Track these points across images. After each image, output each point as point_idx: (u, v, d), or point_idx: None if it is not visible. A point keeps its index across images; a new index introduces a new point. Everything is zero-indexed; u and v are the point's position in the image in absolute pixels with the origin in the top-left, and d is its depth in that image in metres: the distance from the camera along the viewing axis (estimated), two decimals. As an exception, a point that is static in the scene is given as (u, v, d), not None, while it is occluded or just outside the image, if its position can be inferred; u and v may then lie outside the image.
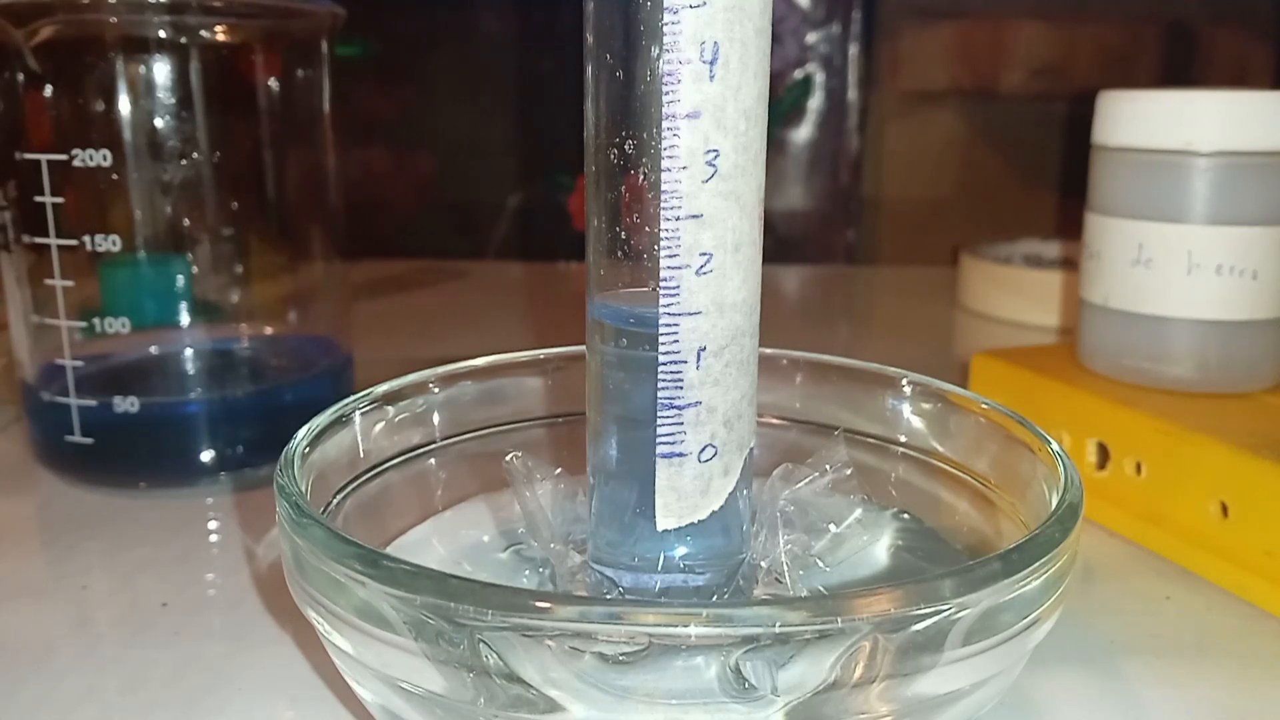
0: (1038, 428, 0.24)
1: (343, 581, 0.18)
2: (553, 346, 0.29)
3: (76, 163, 0.33)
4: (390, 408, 0.26)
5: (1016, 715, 0.24)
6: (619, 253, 0.20)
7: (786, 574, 0.23)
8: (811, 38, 1.15)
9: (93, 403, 0.35)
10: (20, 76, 0.33)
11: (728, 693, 0.17)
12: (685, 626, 0.16)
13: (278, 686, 0.25)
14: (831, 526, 0.24)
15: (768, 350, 0.27)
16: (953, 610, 0.17)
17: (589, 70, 0.20)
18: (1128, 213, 0.35)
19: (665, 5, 0.18)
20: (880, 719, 0.17)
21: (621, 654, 0.17)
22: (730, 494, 0.21)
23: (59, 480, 0.36)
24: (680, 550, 0.21)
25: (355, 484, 0.25)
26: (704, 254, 0.19)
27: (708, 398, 0.20)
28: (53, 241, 0.34)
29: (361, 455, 0.25)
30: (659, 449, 0.20)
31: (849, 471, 0.25)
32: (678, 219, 0.19)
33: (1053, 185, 1.13)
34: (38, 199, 0.33)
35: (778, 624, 0.16)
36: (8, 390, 0.43)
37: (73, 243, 0.34)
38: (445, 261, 0.81)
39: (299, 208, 0.39)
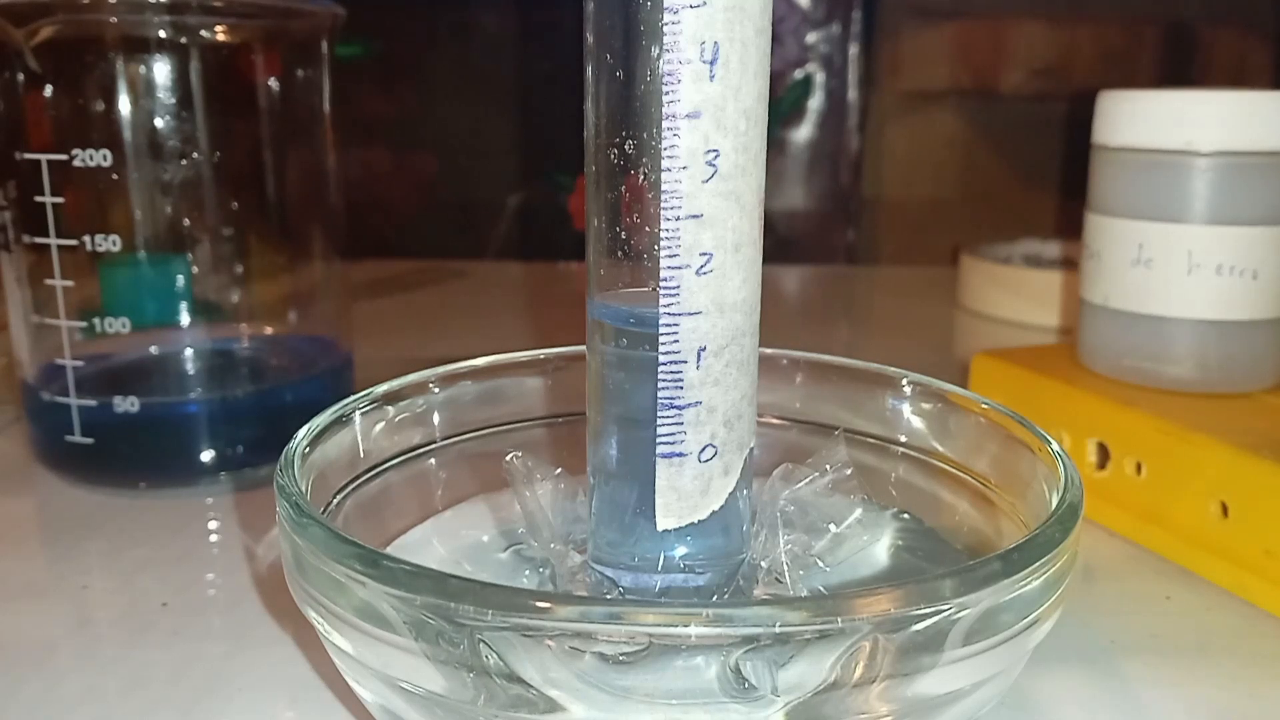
0: (1038, 428, 0.24)
1: (343, 581, 0.18)
2: (553, 346, 0.29)
3: (76, 163, 0.33)
4: (390, 408, 0.26)
5: (1016, 715, 0.24)
6: (619, 253, 0.20)
7: (786, 574, 0.23)
8: (811, 38, 1.15)
9: (93, 403, 0.35)
10: (20, 76, 0.33)
11: (728, 693, 0.17)
12: (685, 626, 0.16)
13: (278, 686, 0.25)
14: (831, 526, 0.24)
15: (768, 350, 0.27)
16: (953, 610, 0.17)
17: (589, 70, 0.20)
18: (1128, 213, 0.35)
19: (665, 5, 0.18)
20: (880, 719, 0.17)
21: (621, 654, 0.17)
22: (730, 494, 0.21)
23: (59, 480, 0.36)
24: (680, 550, 0.21)
25: (355, 484, 0.25)
26: (704, 254, 0.19)
27: (708, 398, 0.20)
28: (53, 241, 0.34)
29: (361, 455, 0.25)
30: (659, 449, 0.20)
31: (849, 471, 0.25)
32: (678, 219, 0.19)
33: (1053, 185, 1.13)
34: (38, 199, 0.33)
35: (778, 624, 0.16)
36: (8, 390, 0.43)
37: (73, 243, 0.34)
38: (445, 261, 0.81)
39: (299, 208, 0.39)
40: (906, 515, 0.27)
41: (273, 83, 0.37)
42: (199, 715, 0.24)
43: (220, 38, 0.34)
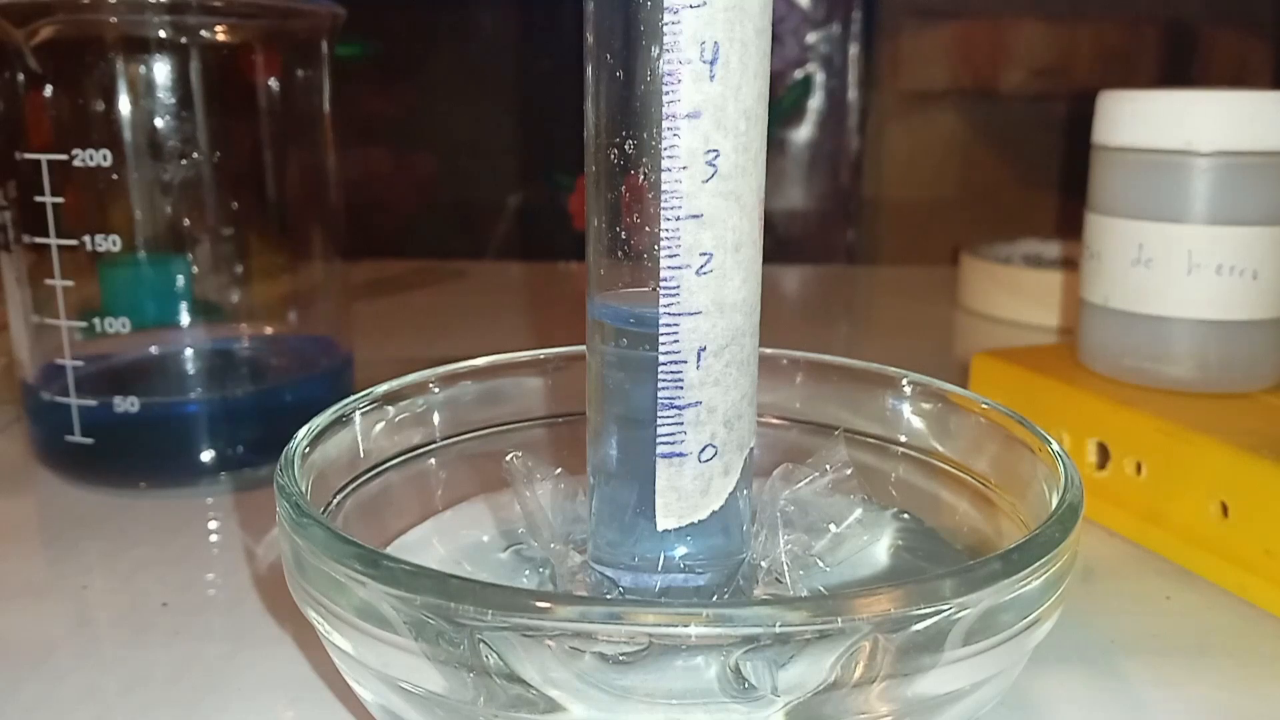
0: (1038, 428, 0.24)
1: (343, 581, 0.18)
2: (553, 346, 0.29)
3: (76, 163, 0.33)
4: (390, 408, 0.26)
5: (1016, 715, 0.24)
6: (619, 253, 0.20)
7: (786, 574, 0.23)
8: (811, 38, 1.15)
9: (93, 403, 0.35)
10: (20, 76, 0.33)
11: (728, 693, 0.17)
12: (685, 626, 0.16)
13: (278, 686, 0.25)
14: (831, 526, 0.24)
15: (768, 350, 0.27)
16: (953, 610, 0.17)
17: (589, 70, 0.20)
18: (1128, 213, 0.35)
19: (665, 5, 0.18)
20: (880, 719, 0.17)
21: (621, 654, 0.17)
22: (730, 494, 0.21)
23: (59, 480, 0.36)
24: (680, 550, 0.21)
25: (355, 484, 0.25)
26: (704, 254, 0.19)
27: (708, 398, 0.20)
28: (53, 241, 0.34)
29: (361, 455, 0.25)
30: (659, 449, 0.20)
31: (849, 471, 0.25)
32: (678, 219, 0.19)
33: (1053, 185, 1.13)
34: (38, 199, 0.33)
35: (778, 624, 0.16)
36: (8, 390, 0.43)
37: (73, 243, 0.34)
38: (445, 261, 0.81)
39: (299, 208, 0.39)
40: (906, 515, 0.27)
41: (273, 83, 0.37)
42: (199, 715, 0.24)
43: (220, 38, 0.34)
